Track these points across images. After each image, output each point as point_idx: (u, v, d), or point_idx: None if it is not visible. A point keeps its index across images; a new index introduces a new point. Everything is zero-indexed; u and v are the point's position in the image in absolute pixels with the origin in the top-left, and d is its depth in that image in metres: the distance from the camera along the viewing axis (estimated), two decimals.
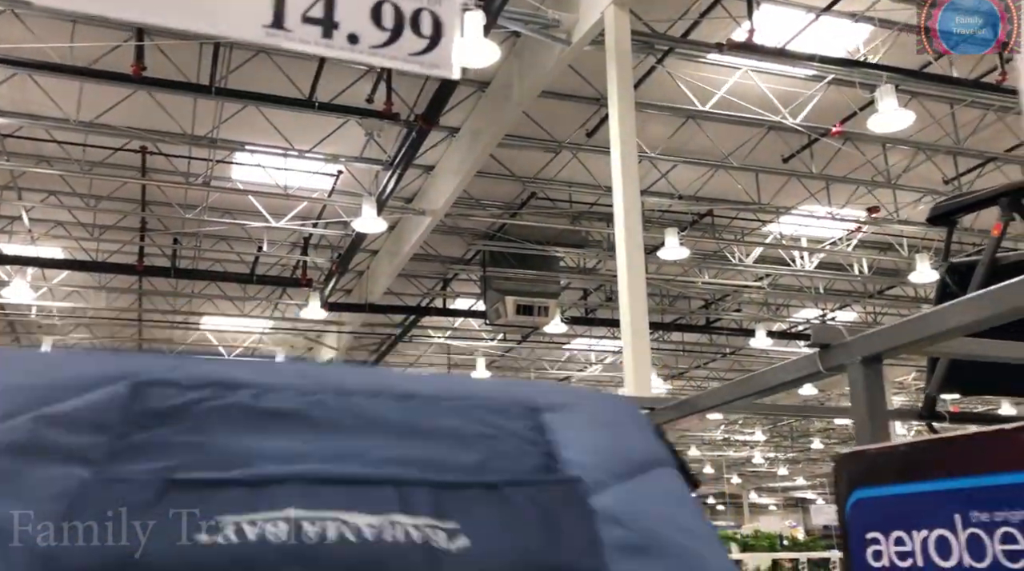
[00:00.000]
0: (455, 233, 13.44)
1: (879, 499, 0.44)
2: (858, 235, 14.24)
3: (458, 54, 2.73)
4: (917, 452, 0.42)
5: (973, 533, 0.39)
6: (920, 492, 0.41)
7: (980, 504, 0.39)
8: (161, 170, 11.48)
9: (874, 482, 0.44)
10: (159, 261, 13.80)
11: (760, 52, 8.78)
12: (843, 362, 1.36)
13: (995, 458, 0.39)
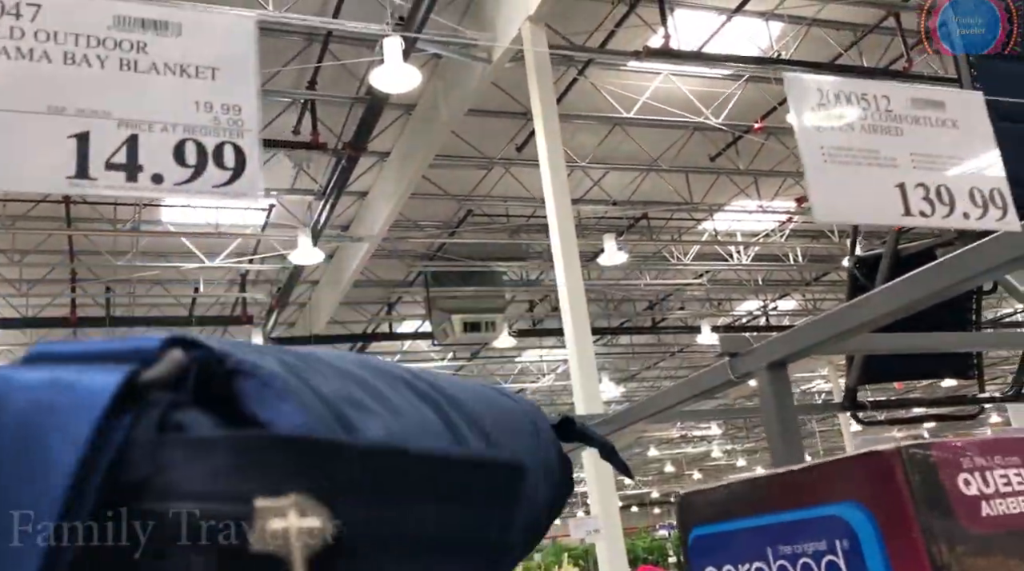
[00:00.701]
0: (395, 257, 13.39)
1: (713, 535, 0.47)
2: (790, 225, 14.59)
3: (260, 184, 2.88)
4: (738, 491, 0.45)
5: (781, 564, 0.42)
6: (742, 528, 0.45)
7: (784, 538, 0.42)
8: (87, 219, 11.22)
9: (709, 520, 0.47)
10: (93, 311, 13.46)
11: (678, 56, 8.96)
12: (750, 369, 1.41)
13: (790, 496, 0.42)
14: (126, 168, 2.72)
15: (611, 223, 13.55)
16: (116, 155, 2.74)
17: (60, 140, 2.57)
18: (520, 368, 21.03)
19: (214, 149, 2.80)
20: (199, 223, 11.36)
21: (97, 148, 2.79)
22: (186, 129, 2.87)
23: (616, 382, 21.80)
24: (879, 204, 1.95)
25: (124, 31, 3.03)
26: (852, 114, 1.97)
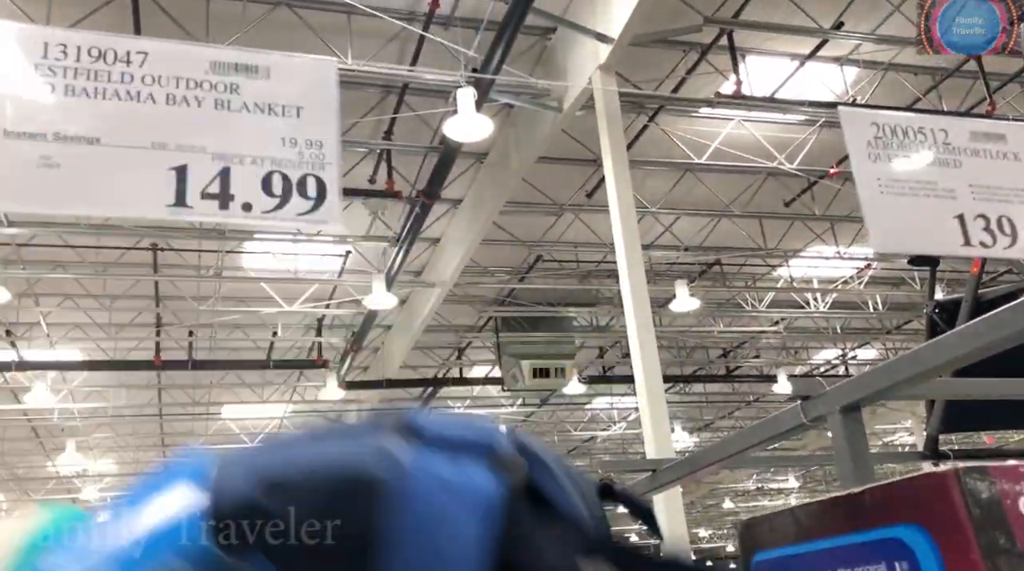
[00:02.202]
0: (466, 302, 13.51)
1: (774, 560, 0.47)
2: (868, 272, 14.21)
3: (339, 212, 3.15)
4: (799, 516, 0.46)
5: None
6: (803, 552, 0.45)
7: (845, 561, 0.42)
8: (173, 265, 11.67)
9: (770, 545, 0.48)
10: (176, 354, 13.92)
11: (750, 102, 8.94)
12: (823, 413, 1.38)
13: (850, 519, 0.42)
14: (219, 197, 2.96)
15: (683, 269, 13.43)
16: (211, 185, 2.99)
17: (162, 172, 2.97)
18: (590, 415, 20.82)
19: (298, 180, 3.03)
20: (278, 269, 11.70)
21: (194, 179, 3.00)
22: (273, 162, 3.06)
23: (689, 431, 21.38)
24: (938, 235, 1.92)
25: (219, 74, 3.26)
26: (909, 147, 1.94)
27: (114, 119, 3.07)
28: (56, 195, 2.91)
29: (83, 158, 2.89)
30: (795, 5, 8.21)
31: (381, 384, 15.03)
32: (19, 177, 2.91)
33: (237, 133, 3.20)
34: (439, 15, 7.73)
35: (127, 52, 3.22)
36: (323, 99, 3.27)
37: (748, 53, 8.88)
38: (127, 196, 3.02)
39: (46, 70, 3.13)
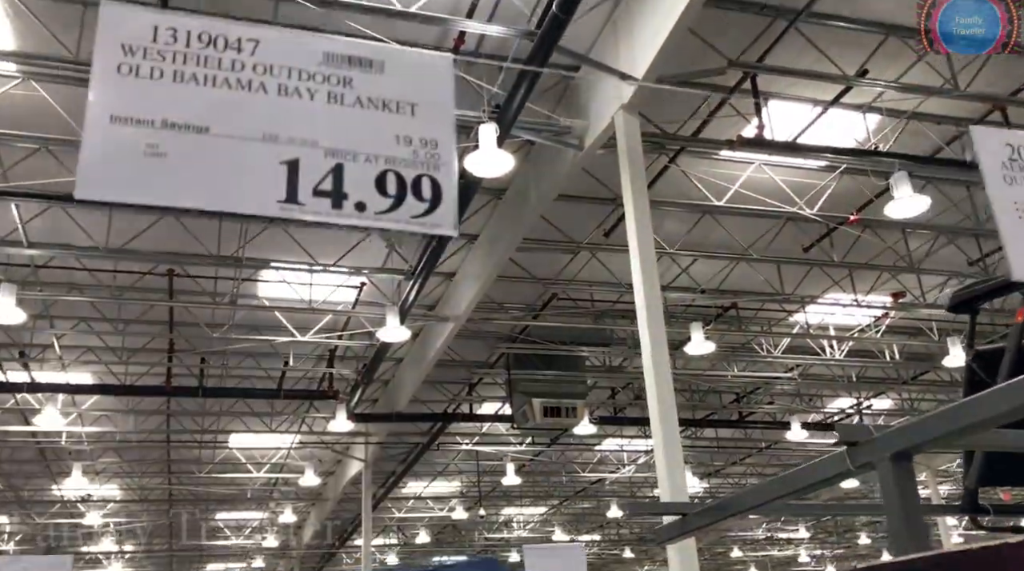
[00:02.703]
0: (478, 337, 13.45)
1: None
2: (886, 321, 14.08)
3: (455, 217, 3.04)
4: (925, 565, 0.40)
5: None
6: None
7: None
8: (188, 291, 11.69)
9: None
10: (187, 381, 13.89)
11: (771, 146, 8.92)
12: (871, 460, 1.31)
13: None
14: (332, 195, 2.83)
15: (698, 311, 13.34)
16: (323, 182, 2.85)
17: (273, 166, 2.80)
18: (600, 457, 20.60)
19: (413, 181, 2.89)
20: (293, 298, 11.69)
21: (306, 175, 2.83)
22: (387, 161, 2.89)
23: (700, 477, 21.11)
24: None
25: (333, 67, 3.10)
26: None
27: (224, 108, 2.91)
28: (161, 186, 2.75)
29: (191, 147, 2.76)
30: (820, 51, 8.22)
31: (391, 417, 14.94)
32: (124, 165, 2.77)
33: (350, 128, 3.07)
34: (464, 50, 7.79)
35: (238, 39, 3.09)
36: (438, 96, 3.15)
37: (771, 97, 8.88)
38: (237, 190, 2.87)
39: (155, 54, 2.99)
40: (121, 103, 2.86)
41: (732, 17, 7.87)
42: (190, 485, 20.07)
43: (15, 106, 7.96)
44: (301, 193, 2.87)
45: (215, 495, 21.17)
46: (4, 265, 10.47)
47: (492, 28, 7.17)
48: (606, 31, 7.89)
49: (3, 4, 7.04)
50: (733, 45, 8.07)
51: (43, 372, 13.44)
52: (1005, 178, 1.95)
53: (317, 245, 10.62)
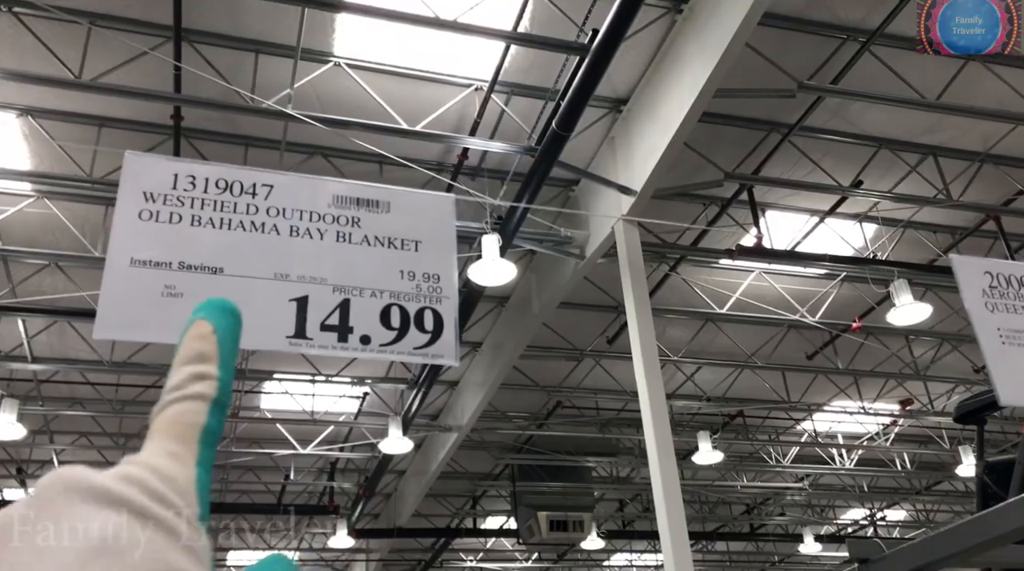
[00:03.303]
0: (482, 448, 13.26)
1: None
2: (895, 429, 13.89)
3: (456, 348, 3.22)
4: None
5: None
6: None
7: None
8: None
9: None
10: None
11: (770, 255, 9.04)
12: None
13: None
14: (338, 329, 2.98)
15: (705, 420, 13.20)
16: (330, 317, 3.01)
17: (283, 303, 3.02)
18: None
19: (415, 314, 3.03)
20: (295, 410, 11.60)
21: (315, 311, 3.03)
22: (392, 295, 3.09)
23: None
24: None
25: (341, 208, 3.36)
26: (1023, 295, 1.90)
27: (238, 249, 3.16)
28: (178, 325, 2.94)
29: (206, 287, 2.95)
30: (814, 163, 8.44)
31: (392, 533, 14.56)
32: (142, 306, 2.95)
33: (357, 265, 3.28)
34: (467, 166, 8.01)
35: (253, 184, 3.31)
36: (441, 233, 3.35)
37: (768, 208, 9.06)
38: (248, 327, 3.02)
39: (175, 200, 3.20)
40: (141, 248, 3.06)
41: (727, 131, 8.12)
42: None
43: (28, 224, 8.13)
44: (309, 328, 3.04)
45: None
46: (7, 380, 10.46)
47: (494, 145, 7.40)
48: (604, 146, 8.13)
49: (19, 125, 7.29)
50: (729, 158, 8.29)
51: None
52: (987, 305, 1.98)
53: (320, 356, 10.63)
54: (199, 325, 0.41)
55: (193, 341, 0.41)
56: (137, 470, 0.36)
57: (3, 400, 9.68)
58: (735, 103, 7.68)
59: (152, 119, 7.18)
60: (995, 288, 1.98)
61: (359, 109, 6.98)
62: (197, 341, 0.41)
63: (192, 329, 0.41)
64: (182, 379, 0.40)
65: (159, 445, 0.38)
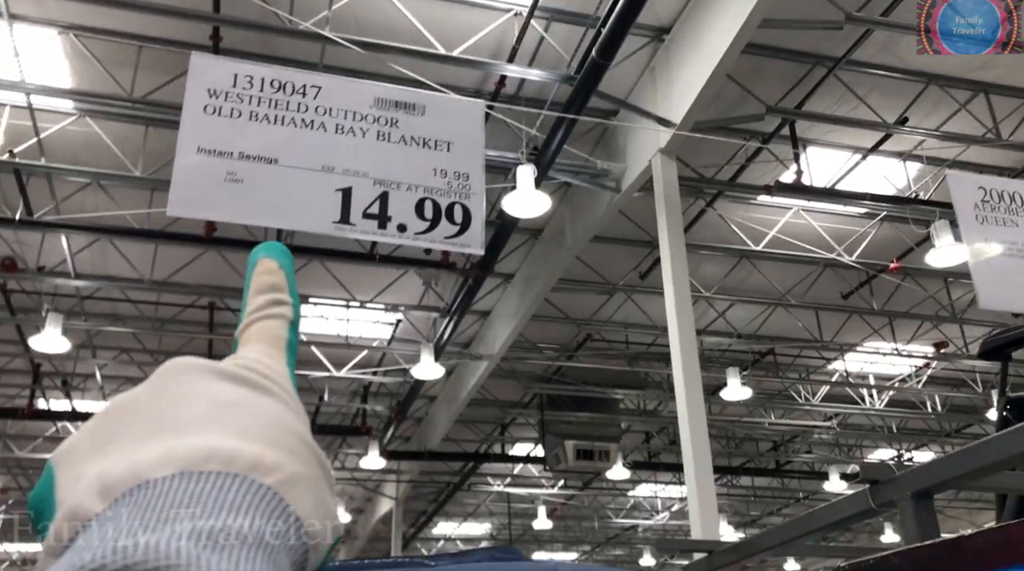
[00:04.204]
0: (512, 377, 13.44)
1: None
2: (927, 372, 13.81)
3: (482, 238, 3.46)
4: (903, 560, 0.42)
5: None
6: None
7: None
8: (228, 325, 11.88)
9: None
10: None
11: (809, 192, 8.91)
12: (893, 498, 1.31)
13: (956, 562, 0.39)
14: (379, 217, 3.29)
15: (735, 357, 13.22)
16: (371, 207, 3.31)
17: (330, 192, 3.33)
18: (633, 502, 20.31)
19: (447, 207, 3.34)
20: (330, 334, 11.82)
21: (357, 201, 3.32)
22: (426, 190, 3.38)
23: (735, 526, 20.67)
24: None
25: (382, 109, 3.66)
26: (1017, 211, 1.90)
27: (290, 143, 3.53)
28: (239, 206, 3.31)
29: (262, 175, 3.31)
30: (859, 99, 8.23)
31: (422, 455, 14.93)
32: (208, 189, 3.30)
33: (395, 162, 3.62)
34: (504, 94, 7.93)
35: (304, 85, 3.64)
36: (471, 135, 3.65)
37: (810, 144, 8.90)
38: (299, 212, 3.44)
39: (235, 97, 3.54)
40: (206, 138, 3.40)
41: (770, 64, 7.93)
42: None
43: (70, 142, 8.26)
44: (353, 215, 3.34)
45: None
46: (51, 295, 10.76)
47: (532, 72, 7.31)
48: (644, 76, 8.00)
49: (62, 44, 7.35)
50: (771, 91, 8.12)
51: (84, 401, 13.69)
52: (977, 217, 1.99)
53: (355, 282, 10.77)
54: (265, 262, 0.47)
55: (264, 275, 0.47)
56: (246, 360, 0.42)
57: (48, 314, 9.98)
58: (780, 35, 7.48)
59: (191, 39, 7.18)
60: (987, 202, 1.99)
61: (396, 33, 6.92)
62: (267, 274, 0.47)
63: (260, 265, 0.47)
64: (262, 303, 0.46)
65: (255, 348, 0.44)
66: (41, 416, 13.12)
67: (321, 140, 3.43)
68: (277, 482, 0.34)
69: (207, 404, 0.37)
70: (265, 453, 0.35)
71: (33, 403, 12.80)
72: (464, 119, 3.76)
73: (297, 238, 9.56)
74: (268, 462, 0.35)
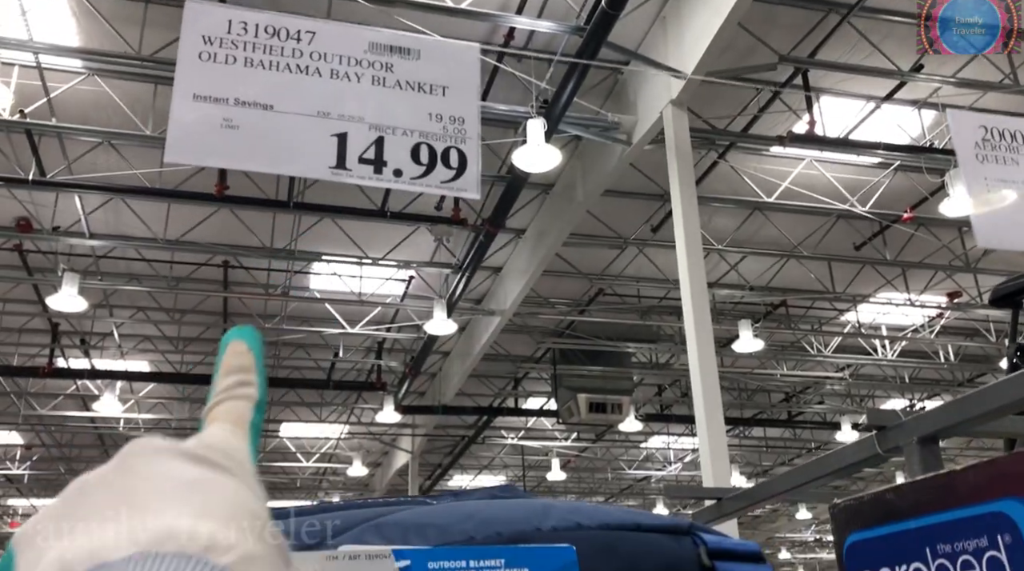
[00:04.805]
0: (524, 332, 13.52)
1: (869, 540, 0.46)
2: (940, 321, 13.80)
3: (478, 183, 3.47)
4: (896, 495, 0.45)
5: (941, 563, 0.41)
6: (899, 531, 0.44)
7: (943, 537, 0.41)
8: (242, 283, 11.97)
9: (864, 526, 0.47)
10: None
11: (822, 142, 8.82)
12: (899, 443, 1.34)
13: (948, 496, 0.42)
14: (374, 162, 3.30)
15: (747, 309, 13.23)
16: (367, 152, 3.32)
17: (325, 137, 3.32)
18: (645, 454, 20.53)
19: (442, 152, 3.35)
20: (343, 291, 11.90)
21: (353, 145, 3.32)
22: (421, 134, 3.38)
23: (747, 476, 20.88)
24: None
25: (376, 54, 3.66)
26: (1018, 149, 1.90)
27: (285, 89, 3.53)
28: (235, 153, 3.32)
29: (258, 121, 3.31)
30: (873, 46, 8.11)
31: (437, 410, 15.09)
32: (205, 135, 3.31)
33: (390, 107, 3.60)
34: (513, 46, 7.85)
35: (298, 31, 3.62)
36: (466, 80, 3.63)
37: (823, 93, 8.79)
38: (296, 157, 3.43)
39: (230, 43, 3.54)
40: (201, 84, 3.38)
41: (783, 11, 7.80)
42: None
43: (80, 101, 8.25)
44: (349, 160, 3.33)
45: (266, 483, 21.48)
46: (67, 255, 10.85)
47: (541, 24, 7.22)
48: (655, 27, 7.89)
49: (68, 2, 7.31)
50: (784, 40, 8.00)
51: (102, 359, 13.88)
52: (977, 156, 1.99)
53: (367, 239, 10.80)
54: (235, 344, 0.49)
55: (233, 357, 0.49)
56: (210, 440, 0.43)
57: (64, 274, 10.08)
58: None
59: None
60: (988, 141, 1.99)
61: None
62: (236, 357, 0.49)
63: (230, 347, 0.49)
64: (229, 384, 0.48)
65: (220, 427, 0.45)
66: (61, 374, 13.33)
67: (316, 86, 3.43)
68: (232, 562, 0.35)
69: (168, 484, 0.38)
70: (222, 532, 0.36)
71: (53, 362, 12.99)
72: (459, 63, 3.72)
73: (308, 196, 9.57)
74: (224, 542, 0.36)
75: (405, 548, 0.56)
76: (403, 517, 0.63)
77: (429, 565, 0.55)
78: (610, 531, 0.62)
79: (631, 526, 0.62)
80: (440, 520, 0.62)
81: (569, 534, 0.61)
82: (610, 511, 0.66)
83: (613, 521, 0.63)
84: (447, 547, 0.58)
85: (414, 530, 0.61)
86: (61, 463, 19.11)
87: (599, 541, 0.61)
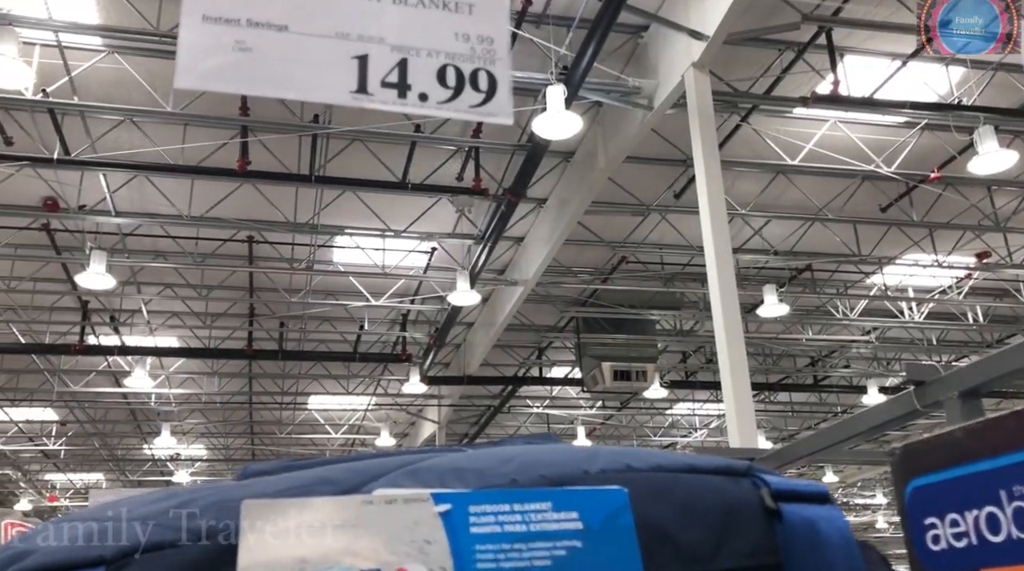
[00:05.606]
0: (548, 301, 13.52)
1: (935, 485, 0.46)
2: (969, 282, 13.63)
3: (510, 107, 3.40)
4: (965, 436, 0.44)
5: (1018, 506, 0.41)
6: (969, 474, 0.43)
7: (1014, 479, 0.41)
8: (267, 257, 12.04)
9: (928, 470, 0.46)
10: (267, 345, 14.36)
11: (847, 103, 8.68)
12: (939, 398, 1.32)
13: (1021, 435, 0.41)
14: (398, 87, 3.26)
15: (772, 274, 13.14)
16: (390, 75, 3.28)
17: (345, 60, 3.26)
18: (671, 421, 20.56)
19: (470, 74, 3.30)
20: (367, 264, 11.94)
21: (375, 69, 3.32)
22: (447, 55, 3.36)
23: (773, 441, 20.87)
24: None
25: None
26: None
27: (300, 8, 3.50)
28: (249, 77, 3.28)
29: (273, 44, 3.27)
30: (899, 2, 7.93)
31: (462, 380, 15.19)
32: (216, 59, 3.27)
33: (414, 26, 3.55)
34: (531, 13, 7.77)
35: None
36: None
37: (847, 52, 8.63)
38: (313, 81, 3.38)
39: None
40: (211, 5, 3.34)
41: None
42: (271, 445, 20.82)
43: (102, 79, 8.28)
44: (371, 84, 3.27)
45: (295, 455, 21.90)
46: (94, 233, 10.96)
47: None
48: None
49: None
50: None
51: (132, 336, 14.07)
52: None
53: (389, 211, 10.81)
54: None
55: None
56: None
57: (92, 252, 10.19)
58: None
59: None
60: None
61: None
62: None
63: None
64: None
65: None
66: (92, 351, 13.53)
67: (334, 4, 3.52)
68: None
69: None
70: None
71: (84, 339, 13.18)
72: None
73: (330, 169, 9.59)
74: None
75: (445, 491, 0.54)
76: (439, 462, 0.61)
77: (471, 508, 0.52)
78: (663, 472, 0.60)
79: (685, 467, 0.60)
80: (479, 464, 0.60)
81: (619, 476, 0.58)
82: (661, 453, 0.64)
83: (666, 463, 0.61)
84: (489, 490, 0.56)
85: (452, 474, 0.59)
86: (96, 438, 19.48)
87: (652, 483, 0.59)
